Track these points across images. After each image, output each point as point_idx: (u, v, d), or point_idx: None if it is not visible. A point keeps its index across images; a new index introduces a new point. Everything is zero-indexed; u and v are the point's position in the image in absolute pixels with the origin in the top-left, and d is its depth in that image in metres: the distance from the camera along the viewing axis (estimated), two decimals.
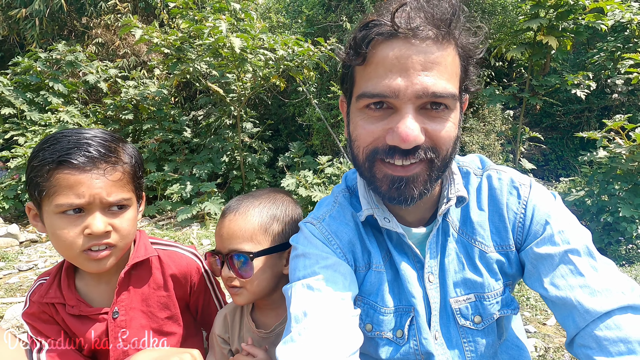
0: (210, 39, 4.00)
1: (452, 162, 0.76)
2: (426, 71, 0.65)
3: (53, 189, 0.82)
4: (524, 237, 0.80)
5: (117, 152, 0.89)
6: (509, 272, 0.82)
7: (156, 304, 1.02)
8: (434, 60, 0.66)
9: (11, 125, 4.69)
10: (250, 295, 0.95)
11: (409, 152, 0.69)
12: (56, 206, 0.82)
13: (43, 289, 0.95)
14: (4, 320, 1.97)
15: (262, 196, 1.01)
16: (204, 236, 3.82)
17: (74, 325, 0.94)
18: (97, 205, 0.84)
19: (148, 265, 1.01)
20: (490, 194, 0.83)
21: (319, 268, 0.77)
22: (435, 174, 0.73)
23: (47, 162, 0.81)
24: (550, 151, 6.79)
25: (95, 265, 0.88)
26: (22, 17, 6.42)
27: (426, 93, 0.65)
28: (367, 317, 0.81)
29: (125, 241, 0.91)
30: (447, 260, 0.81)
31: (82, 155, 0.82)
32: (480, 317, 0.80)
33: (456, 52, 0.70)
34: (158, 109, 5.28)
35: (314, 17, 6.56)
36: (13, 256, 3.11)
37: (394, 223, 0.80)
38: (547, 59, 4.83)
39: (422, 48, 0.65)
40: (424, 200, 0.81)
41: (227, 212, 0.97)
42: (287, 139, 6.31)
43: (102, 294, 0.98)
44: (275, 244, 0.95)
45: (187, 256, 1.07)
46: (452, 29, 0.68)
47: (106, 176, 0.84)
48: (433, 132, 0.69)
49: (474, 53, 0.73)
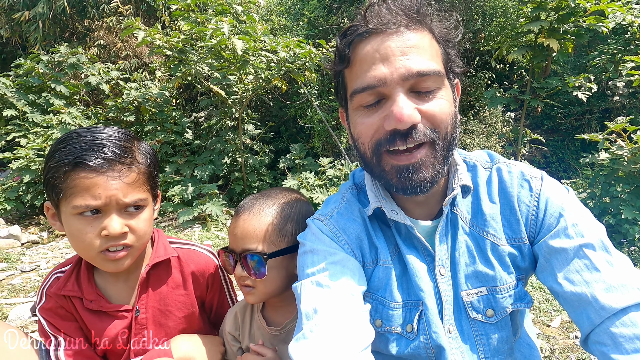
0: (213, 41, 4.01)
1: (455, 142, 0.77)
2: (406, 55, 0.70)
3: (70, 190, 0.82)
4: (537, 230, 0.79)
5: (133, 152, 0.89)
6: (522, 265, 0.81)
7: (174, 303, 1.02)
8: (411, 44, 0.71)
9: (13, 127, 4.70)
10: (262, 294, 0.96)
11: (409, 133, 0.71)
12: (73, 207, 0.82)
13: (61, 282, 0.95)
14: (8, 320, 1.97)
15: (276, 196, 1.01)
16: (205, 237, 3.81)
17: (90, 321, 0.94)
18: (114, 207, 0.85)
19: (167, 264, 1.02)
20: (501, 186, 0.83)
21: (328, 264, 0.77)
22: (441, 155, 0.74)
23: (63, 163, 0.82)
24: (551, 153, 6.79)
25: (113, 266, 0.88)
26: (25, 20, 6.45)
27: (411, 73, 0.69)
28: (376, 312, 0.81)
29: (142, 241, 0.91)
30: (457, 254, 0.81)
31: (98, 157, 0.82)
32: (492, 311, 0.79)
33: (431, 36, 0.75)
34: (160, 110, 5.29)
35: (315, 19, 6.58)
36: (15, 257, 3.10)
37: (402, 215, 0.81)
38: (548, 61, 4.84)
39: (397, 36, 0.71)
40: (432, 192, 0.82)
41: (241, 211, 0.97)
42: (289, 140, 6.32)
43: (120, 291, 0.98)
44: (288, 244, 0.96)
45: (205, 254, 1.08)
46: (422, 16, 0.74)
47: (122, 178, 0.85)
48: (427, 111, 0.71)
49: (450, 36, 0.77)
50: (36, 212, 4.42)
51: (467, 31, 6.29)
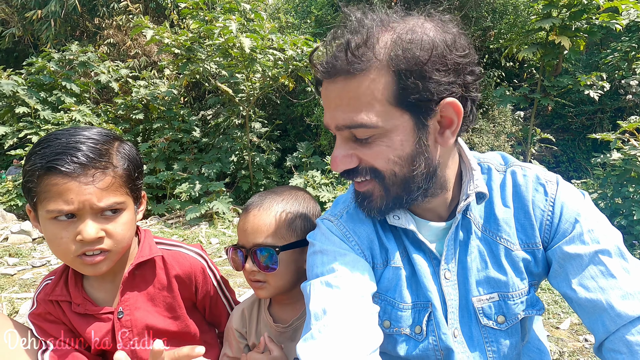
0: (220, 39, 4.02)
1: (417, 180, 0.74)
2: (338, 107, 0.72)
3: (44, 194, 0.80)
4: (552, 236, 0.78)
5: (109, 155, 0.86)
6: (535, 271, 0.80)
7: (162, 304, 1.01)
8: (345, 94, 0.70)
9: (25, 124, 4.77)
10: (273, 289, 0.97)
11: (348, 173, 0.76)
12: (47, 212, 0.81)
13: (49, 287, 0.95)
14: (19, 315, 2.01)
15: (284, 193, 1.03)
16: (212, 235, 3.84)
17: (78, 324, 0.93)
18: (88, 212, 0.82)
19: (152, 265, 1.00)
20: (515, 190, 0.81)
21: (337, 265, 0.77)
22: (394, 191, 0.75)
23: (36, 167, 0.80)
24: (562, 153, 6.69)
25: (91, 270, 0.86)
26: (37, 18, 6.54)
27: (338, 126, 0.72)
28: (385, 313, 0.81)
29: (120, 245, 0.89)
30: (469, 259, 0.80)
31: (70, 162, 0.80)
32: (504, 317, 0.78)
33: (380, 72, 0.68)
34: (168, 108, 5.33)
35: (322, 17, 6.57)
36: (27, 252, 3.16)
37: (405, 219, 0.80)
38: (559, 59, 4.77)
39: (334, 85, 0.71)
40: (439, 201, 0.81)
41: (250, 208, 0.99)
42: (295, 139, 6.32)
43: (107, 293, 0.97)
44: (297, 238, 0.97)
45: (191, 256, 1.05)
46: (364, 54, 0.67)
47: (95, 183, 0.82)
48: (364, 156, 0.74)
49: (421, 62, 0.66)
50: None
51: (477, 29, 6.21)
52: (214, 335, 1.15)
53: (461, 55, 0.69)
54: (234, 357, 1.07)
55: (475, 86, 0.74)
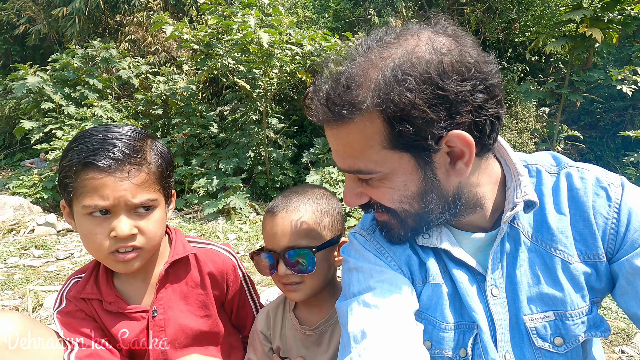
0: (239, 35, 4.01)
1: (434, 212, 0.72)
2: (337, 152, 0.71)
3: (80, 189, 0.82)
4: (618, 246, 0.70)
5: (144, 152, 0.88)
6: (597, 286, 0.72)
7: (195, 302, 1.01)
8: (340, 141, 0.69)
9: (50, 119, 4.91)
10: (308, 290, 0.95)
11: (363, 207, 0.77)
12: (83, 207, 0.83)
13: (79, 285, 0.95)
14: (44, 308, 2.06)
15: (307, 192, 1.02)
16: (229, 230, 3.86)
17: (110, 322, 0.94)
18: (122, 208, 0.84)
19: (186, 263, 1.01)
20: (571, 195, 0.73)
21: (374, 282, 0.73)
22: (410, 224, 0.73)
23: (74, 162, 0.82)
24: (589, 151, 6.42)
25: (123, 267, 0.88)
26: (62, 16, 6.71)
27: (340, 169, 0.74)
28: (426, 333, 0.75)
29: (152, 243, 0.90)
30: (518, 273, 0.73)
31: (107, 157, 0.82)
32: (562, 339, 0.70)
33: (372, 118, 0.63)
34: (186, 104, 5.38)
35: (341, 11, 6.48)
36: (51, 245, 3.26)
37: (436, 237, 0.75)
38: (589, 52, 4.55)
39: (329, 131, 0.70)
40: (477, 216, 0.74)
41: (277, 210, 0.97)
42: (312, 135, 6.29)
43: (139, 292, 0.98)
44: (328, 237, 0.97)
45: (223, 254, 1.07)
46: (347, 103, 0.63)
47: (130, 179, 0.84)
48: (372, 195, 0.73)
49: (404, 105, 0.60)
50: None
51: (501, 21, 6.00)
52: (238, 338, 1.15)
53: (465, 77, 0.60)
54: None
55: (493, 102, 0.64)
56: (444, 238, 0.74)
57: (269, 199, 5.19)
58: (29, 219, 3.89)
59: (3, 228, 3.66)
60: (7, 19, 7.21)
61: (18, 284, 2.44)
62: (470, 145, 0.64)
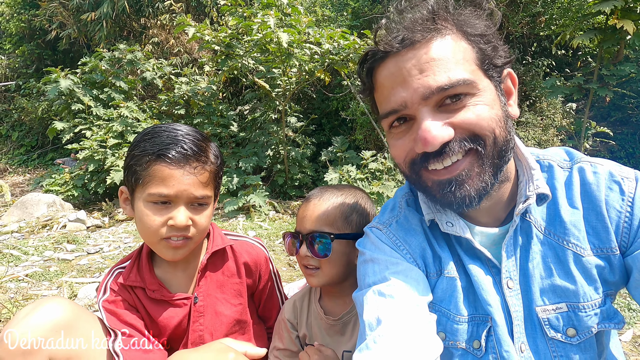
0: (259, 35, 4.07)
1: (510, 145, 0.70)
2: (424, 72, 0.67)
3: (148, 178, 0.89)
4: (631, 240, 0.70)
5: (207, 151, 0.96)
6: (611, 279, 0.72)
7: (230, 291, 1.08)
8: (428, 59, 0.67)
9: (80, 120, 5.14)
10: (325, 276, 1.01)
11: (441, 152, 0.68)
12: (148, 195, 0.90)
13: (124, 274, 1.01)
14: (78, 298, 2.17)
15: (344, 189, 1.09)
16: (249, 228, 3.93)
17: (153, 310, 1.00)
18: (183, 200, 0.91)
19: (223, 254, 1.08)
20: (584, 189, 0.74)
21: (390, 273, 0.75)
22: (490, 164, 0.68)
23: (147, 153, 0.89)
24: (619, 148, 6.14)
25: (172, 253, 0.94)
26: (91, 20, 6.99)
27: (431, 91, 0.66)
28: (440, 325, 0.77)
29: (200, 235, 0.97)
30: (531, 265, 0.74)
31: (179, 152, 0.89)
32: (574, 330, 0.71)
33: (458, 37, 0.69)
34: (207, 104, 5.51)
35: (359, 9, 6.45)
36: (82, 240, 3.42)
37: (459, 227, 0.75)
38: (620, 45, 4.35)
39: (412, 54, 0.67)
40: (495, 199, 0.75)
41: (311, 198, 1.06)
42: (330, 133, 6.31)
43: (180, 281, 1.04)
44: (352, 232, 1.02)
45: (257, 246, 1.14)
46: (439, 22, 0.69)
47: (196, 174, 0.91)
48: (462, 122, 0.67)
49: (485, 29, 0.70)
50: (99, 198, 4.83)
51: (525, 15, 5.82)
52: (263, 328, 1.20)
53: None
54: (285, 349, 1.11)
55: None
56: (465, 230, 0.75)
57: (288, 197, 5.24)
58: (61, 215, 4.09)
59: (38, 224, 3.87)
60: (40, 24, 7.57)
61: (54, 275, 2.58)
62: (516, 84, 0.74)
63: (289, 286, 2.25)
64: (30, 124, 7.56)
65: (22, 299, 2.23)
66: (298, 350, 1.09)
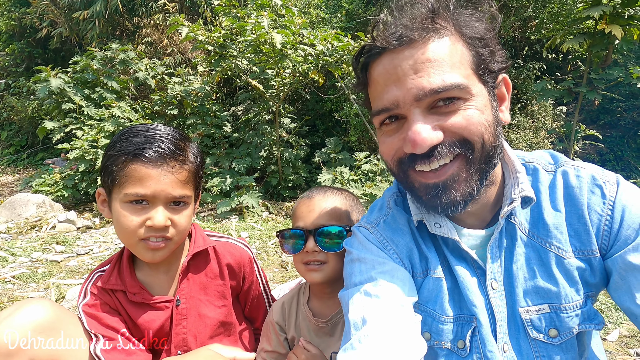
0: (252, 36, 4.06)
1: (498, 151, 0.71)
2: (419, 72, 0.66)
3: (124, 178, 0.88)
4: (611, 243, 0.71)
5: (185, 150, 0.95)
6: (592, 281, 0.73)
7: (214, 293, 1.06)
8: (424, 59, 0.66)
9: (71, 120, 5.07)
10: (330, 270, 0.99)
11: (429, 154, 0.68)
12: (125, 195, 0.88)
13: (104, 277, 1.00)
14: (66, 300, 2.14)
15: (341, 189, 1.10)
16: (242, 229, 3.92)
17: (134, 313, 0.98)
18: (161, 200, 0.90)
19: (205, 255, 1.06)
20: (567, 192, 0.75)
21: (376, 273, 0.75)
22: (477, 170, 0.69)
23: (123, 152, 0.88)
24: (608, 151, 6.24)
25: (151, 255, 0.92)
26: (83, 19, 6.91)
27: (424, 93, 0.65)
28: (425, 325, 0.78)
29: (180, 236, 0.96)
30: (515, 267, 0.75)
31: (155, 151, 0.88)
32: (556, 331, 0.72)
33: (456, 39, 0.68)
34: (201, 104, 5.48)
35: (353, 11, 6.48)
36: (72, 241, 3.37)
37: (446, 228, 0.76)
38: (609, 50, 4.42)
39: (408, 53, 0.66)
40: (481, 202, 0.76)
41: (313, 194, 1.05)
42: (324, 134, 6.31)
43: (161, 283, 1.02)
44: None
45: (240, 247, 1.12)
46: (439, 21, 0.68)
47: (174, 174, 0.90)
48: (451, 126, 0.67)
49: (484, 33, 0.69)
50: (90, 199, 4.77)
51: (517, 19, 5.89)
52: (250, 329, 1.19)
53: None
54: (272, 351, 1.10)
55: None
56: (453, 231, 0.76)
57: (281, 198, 5.23)
58: (51, 215, 4.03)
59: (27, 224, 3.81)
60: (30, 22, 7.47)
61: (42, 277, 2.54)
62: (509, 90, 0.73)
63: (281, 287, 2.24)
64: (20, 124, 7.45)
65: (7, 301, 2.19)
66: (286, 352, 1.08)
